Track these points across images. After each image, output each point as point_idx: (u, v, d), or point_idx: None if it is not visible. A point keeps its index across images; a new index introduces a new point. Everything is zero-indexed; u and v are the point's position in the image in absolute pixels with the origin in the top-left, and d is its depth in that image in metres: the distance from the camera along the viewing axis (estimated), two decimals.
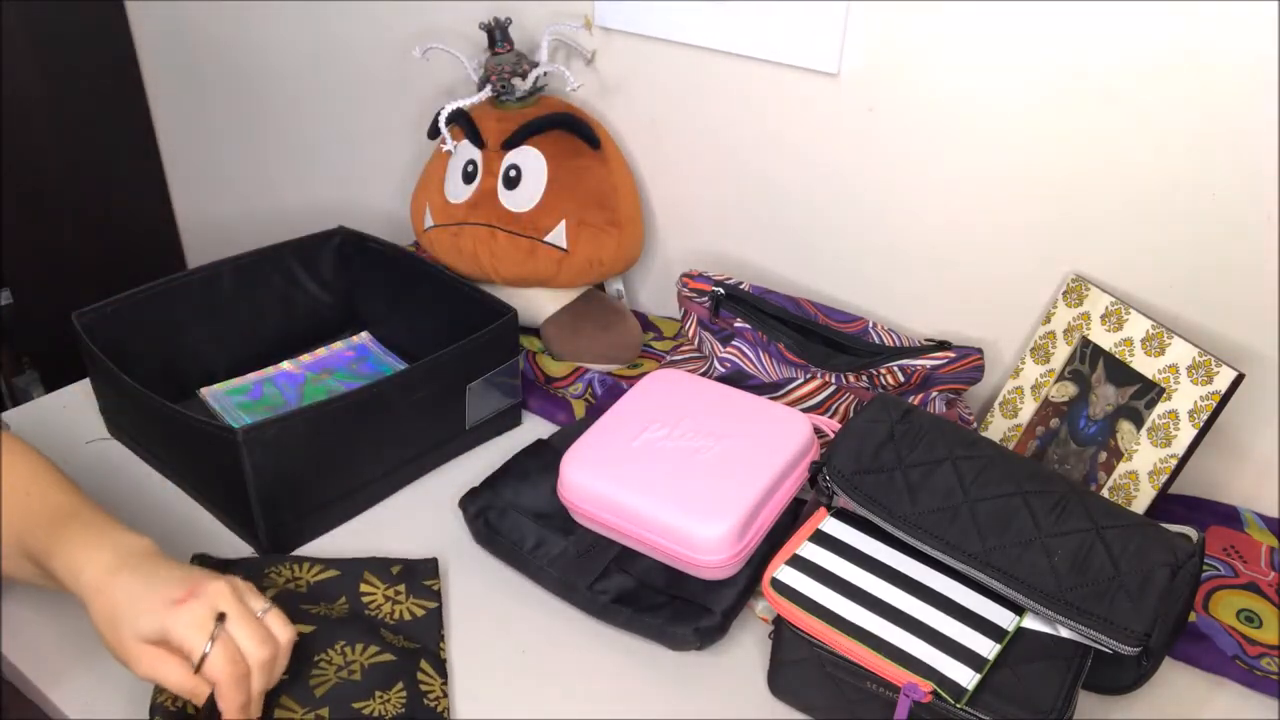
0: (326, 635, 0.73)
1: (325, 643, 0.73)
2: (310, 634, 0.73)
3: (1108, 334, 0.89)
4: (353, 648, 0.73)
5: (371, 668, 0.71)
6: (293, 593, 0.78)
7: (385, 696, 0.70)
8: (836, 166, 1.03)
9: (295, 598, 0.77)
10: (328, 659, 0.72)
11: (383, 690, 0.70)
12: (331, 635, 0.73)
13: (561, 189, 1.06)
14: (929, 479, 0.73)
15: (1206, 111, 0.82)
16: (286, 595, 0.78)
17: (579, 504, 0.82)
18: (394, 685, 0.71)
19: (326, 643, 0.73)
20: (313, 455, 0.83)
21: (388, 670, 0.72)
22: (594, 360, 1.08)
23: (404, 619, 0.77)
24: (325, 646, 0.72)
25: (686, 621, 0.76)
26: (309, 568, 0.80)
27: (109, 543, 0.65)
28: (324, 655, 0.72)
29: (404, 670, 0.72)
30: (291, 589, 0.78)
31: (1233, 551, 0.87)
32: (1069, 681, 0.65)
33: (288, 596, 0.78)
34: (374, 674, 0.71)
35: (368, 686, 0.70)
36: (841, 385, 0.94)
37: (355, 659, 0.72)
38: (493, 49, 1.10)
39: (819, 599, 0.69)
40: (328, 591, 0.78)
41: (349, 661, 0.72)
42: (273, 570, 0.79)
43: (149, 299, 0.96)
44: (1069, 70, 0.86)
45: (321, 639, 0.73)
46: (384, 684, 0.71)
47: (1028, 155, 0.91)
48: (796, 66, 1.00)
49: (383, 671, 0.71)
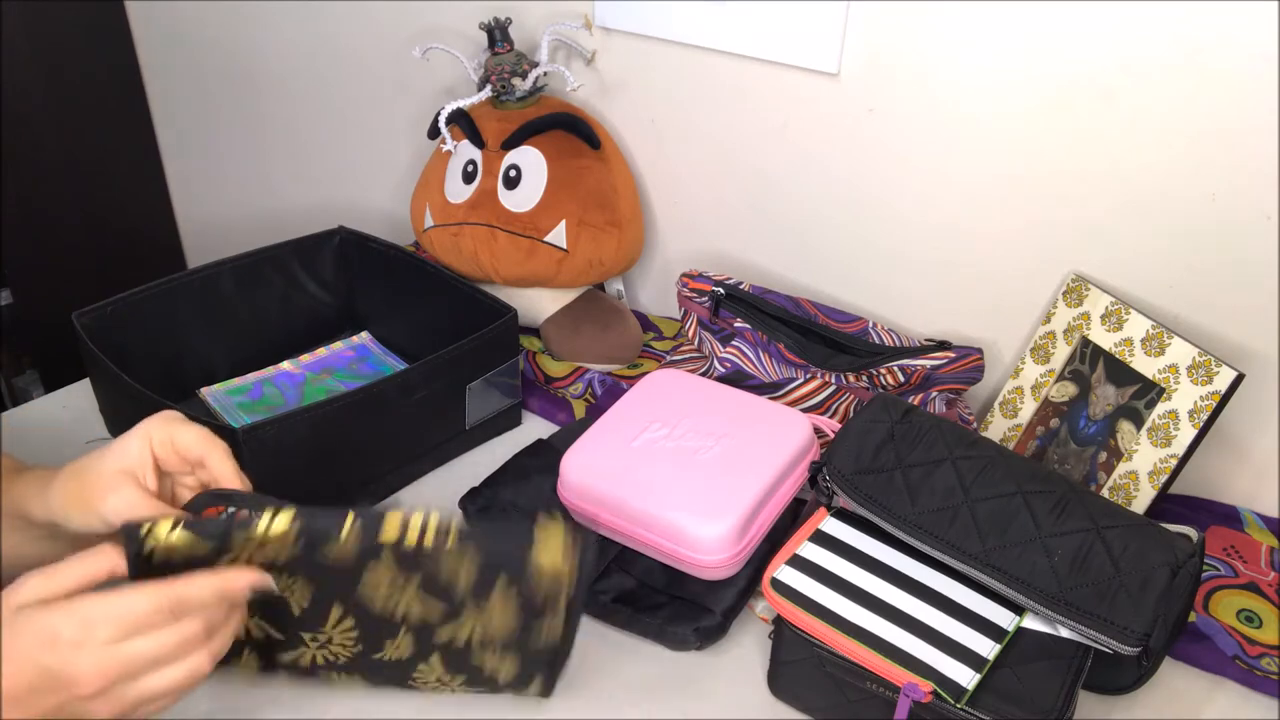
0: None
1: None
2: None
3: (1108, 334, 0.89)
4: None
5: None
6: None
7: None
8: (836, 166, 1.03)
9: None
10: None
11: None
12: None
13: (561, 189, 1.06)
14: (929, 479, 0.73)
15: (1206, 111, 0.82)
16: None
17: (579, 504, 0.82)
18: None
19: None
20: (313, 455, 0.83)
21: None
22: (594, 360, 1.08)
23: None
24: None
25: (686, 621, 0.76)
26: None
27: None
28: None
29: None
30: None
31: (1233, 551, 0.87)
32: (1069, 681, 0.65)
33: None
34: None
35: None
36: (841, 385, 0.94)
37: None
38: (493, 49, 1.10)
39: (819, 599, 0.69)
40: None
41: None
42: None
43: (149, 299, 0.96)
44: (1069, 70, 0.86)
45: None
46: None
47: (1028, 155, 0.91)
48: (796, 66, 1.00)
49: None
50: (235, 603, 0.59)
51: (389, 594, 0.63)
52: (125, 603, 0.54)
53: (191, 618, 0.56)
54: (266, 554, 0.59)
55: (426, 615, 0.65)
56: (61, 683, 0.53)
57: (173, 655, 0.56)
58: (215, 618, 0.57)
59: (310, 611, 0.63)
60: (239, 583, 0.57)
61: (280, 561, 0.60)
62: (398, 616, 0.64)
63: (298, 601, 0.62)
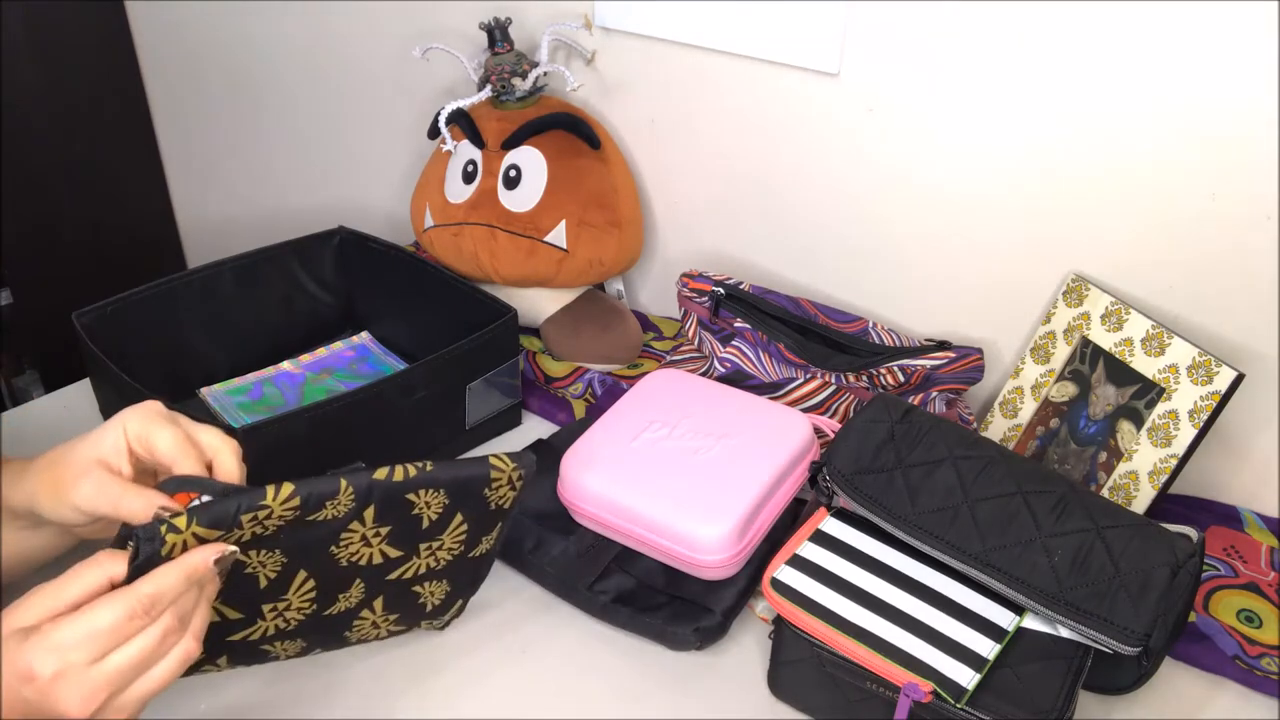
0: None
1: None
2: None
3: (1108, 334, 0.89)
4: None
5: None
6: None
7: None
8: (836, 166, 1.03)
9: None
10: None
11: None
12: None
13: (561, 189, 1.06)
14: (929, 479, 0.73)
15: (1207, 111, 0.82)
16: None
17: (579, 504, 0.82)
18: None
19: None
20: (313, 455, 0.83)
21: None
22: (594, 360, 1.08)
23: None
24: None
25: (686, 621, 0.76)
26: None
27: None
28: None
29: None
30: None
31: (1233, 551, 0.87)
32: (1069, 681, 0.65)
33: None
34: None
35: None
36: (841, 385, 0.94)
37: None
38: (493, 49, 1.10)
39: (819, 599, 0.69)
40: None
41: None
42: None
43: (149, 299, 0.96)
44: (1069, 69, 0.86)
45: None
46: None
47: (1028, 155, 0.91)
48: (796, 66, 1.00)
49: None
50: (203, 580, 0.57)
51: (358, 549, 0.64)
52: (95, 619, 0.53)
53: (165, 612, 0.55)
54: (256, 530, 0.59)
55: (387, 561, 0.66)
56: (53, 715, 0.53)
57: (156, 654, 0.55)
58: (187, 603, 0.56)
59: (277, 582, 0.63)
60: (202, 560, 0.56)
61: (265, 535, 0.59)
62: (359, 567, 0.65)
63: (266, 574, 0.62)
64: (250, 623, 0.65)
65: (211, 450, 0.63)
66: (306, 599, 0.65)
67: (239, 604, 0.63)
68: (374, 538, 0.64)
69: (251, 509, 0.57)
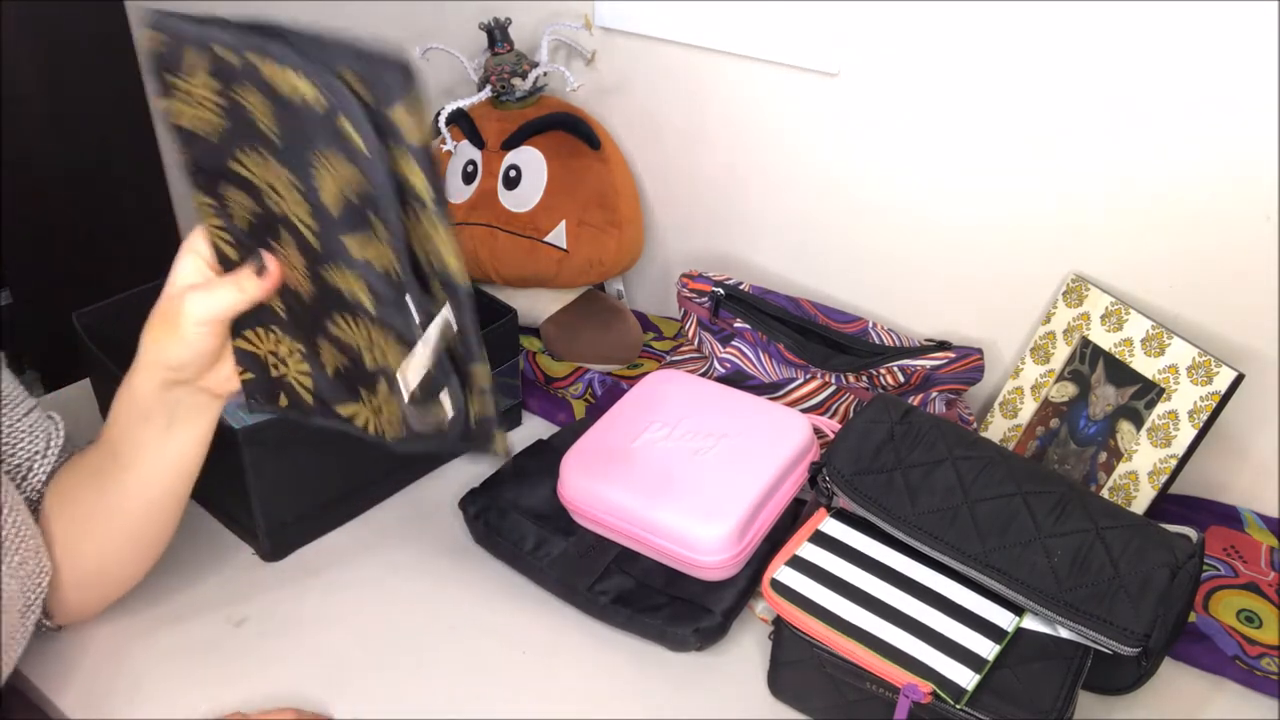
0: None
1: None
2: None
3: (1108, 334, 0.89)
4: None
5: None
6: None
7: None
8: (836, 166, 1.03)
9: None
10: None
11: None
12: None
13: (561, 189, 1.06)
14: (929, 479, 0.73)
15: (1206, 112, 0.82)
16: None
17: (579, 504, 0.82)
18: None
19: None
20: (313, 455, 0.83)
21: None
22: (594, 360, 1.08)
23: None
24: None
25: (686, 622, 0.76)
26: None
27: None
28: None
29: None
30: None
31: (1233, 551, 0.87)
32: (1069, 682, 0.65)
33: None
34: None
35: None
36: (841, 385, 0.94)
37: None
38: (493, 49, 1.10)
39: (819, 600, 0.69)
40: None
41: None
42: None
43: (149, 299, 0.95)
44: (1069, 69, 0.86)
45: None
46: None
47: (1028, 155, 0.91)
48: (796, 66, 1.00)
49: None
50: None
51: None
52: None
53: None
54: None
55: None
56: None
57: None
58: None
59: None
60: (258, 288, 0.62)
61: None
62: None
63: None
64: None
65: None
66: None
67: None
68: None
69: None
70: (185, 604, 0.80)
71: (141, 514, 0.71)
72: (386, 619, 0.80)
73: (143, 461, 0.69)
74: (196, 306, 0.62)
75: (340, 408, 0.66)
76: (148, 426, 0.68)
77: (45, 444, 0.74)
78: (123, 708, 0.72)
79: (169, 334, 0.64)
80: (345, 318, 0.61)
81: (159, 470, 0.70)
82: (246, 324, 0.65)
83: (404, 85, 0.52)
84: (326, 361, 0.64)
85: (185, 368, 0.65)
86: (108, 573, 0.74)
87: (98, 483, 0.70)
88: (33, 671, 0.74)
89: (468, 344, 0.59)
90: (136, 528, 0.72)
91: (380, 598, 0.82)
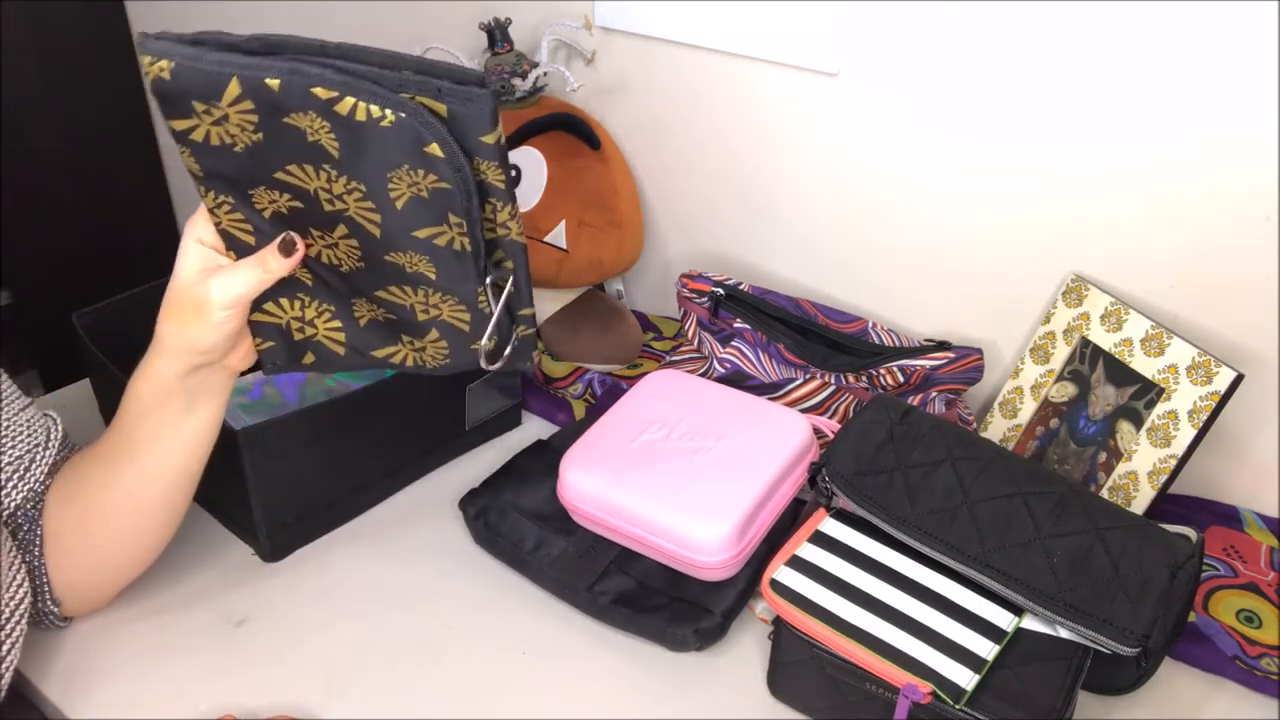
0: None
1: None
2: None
3: (1107, 334, 0.89)
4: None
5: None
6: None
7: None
8: (836, 166, 1.03)
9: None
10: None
11: None
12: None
13: (561, 189, 1.06)
14: (928, 480, 0.73)
15: (1206, 112, 0.82)
16: None
17: (579, 505, 0.82)
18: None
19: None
20: (313, 455, 0.83)
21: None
22: (594, 360, 1.08)
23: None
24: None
25: (686, 622, 0.76)
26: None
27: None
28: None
29: None
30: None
31: (1233, 551, 0.87)
32: (1068, 682, 0.65)
33: None
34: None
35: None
36: (841, 385, 0.94)
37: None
38: (492, 49, 1.10)
39: (818, 600, 0.69)
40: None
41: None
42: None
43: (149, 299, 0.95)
44: (1069, 69, 0.86)
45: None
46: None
47: (1028, 155, 0.91)
48: (796, 66, 1.00)
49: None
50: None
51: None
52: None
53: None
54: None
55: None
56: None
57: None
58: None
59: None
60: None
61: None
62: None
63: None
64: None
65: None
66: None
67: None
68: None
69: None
70: (185, 604, 0.80)
71: (158, 494, 0.73)
72: (386, 619, 0.80)
73: (160, 441, 0.71)
74: (222, 291, 0.64)
75: (375, 351, 0.72)
76: (166, 410, 0.70)
77: (45, 437, 0.75)
78: (122, 707, 0.72)
79: (196, 320, 0.66)
80: (403, 288, 0.66)
81: (176, 450, 0.72)
82: (265, 299, 0.68)
83: (490, 114, 0.59)
84: (361, 315, 0.70)
85: (213, 350, 0.67)
86: (122, 555, 0.75)
87: (109, 468, 0.72)
88: (32, 671, 0.74)
89: (520, 291, 0.67)
90: (151, 508, 0.73)
91: (380, 598, 0.82)
